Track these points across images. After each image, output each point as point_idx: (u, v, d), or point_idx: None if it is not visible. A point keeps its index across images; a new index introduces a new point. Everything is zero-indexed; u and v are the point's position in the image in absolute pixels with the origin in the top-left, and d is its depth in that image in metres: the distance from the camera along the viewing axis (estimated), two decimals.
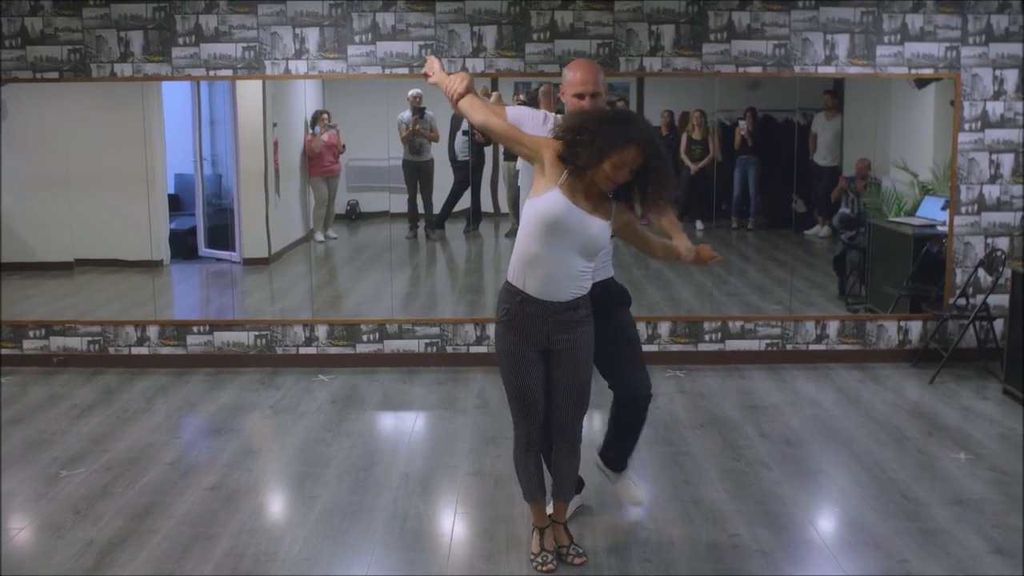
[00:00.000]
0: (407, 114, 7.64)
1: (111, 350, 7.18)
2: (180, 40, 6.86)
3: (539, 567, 4.02)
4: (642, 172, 3.62)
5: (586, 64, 4.10)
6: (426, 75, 4.09)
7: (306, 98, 7.57)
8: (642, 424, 4.36)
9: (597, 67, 4.11)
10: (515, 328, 3.82)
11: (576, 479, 4.19)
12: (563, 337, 3.80)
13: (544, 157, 3.70)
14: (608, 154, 3.53)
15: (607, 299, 4.11)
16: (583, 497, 4.64)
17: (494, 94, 7.20)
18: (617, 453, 4.42)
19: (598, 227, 3.67)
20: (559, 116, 4.00)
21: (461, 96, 3.94)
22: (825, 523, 4.49)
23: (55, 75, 6.92)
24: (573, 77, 4.06)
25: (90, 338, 7.18)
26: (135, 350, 7.18)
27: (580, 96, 4.01)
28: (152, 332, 7.17)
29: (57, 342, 7.18)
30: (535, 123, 4.05)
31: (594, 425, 5.57)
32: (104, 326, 7.18)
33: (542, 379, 3.87)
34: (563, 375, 3.86)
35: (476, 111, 3.90)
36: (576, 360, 3.85)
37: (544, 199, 3.65)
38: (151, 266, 7.51)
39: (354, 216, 8.28)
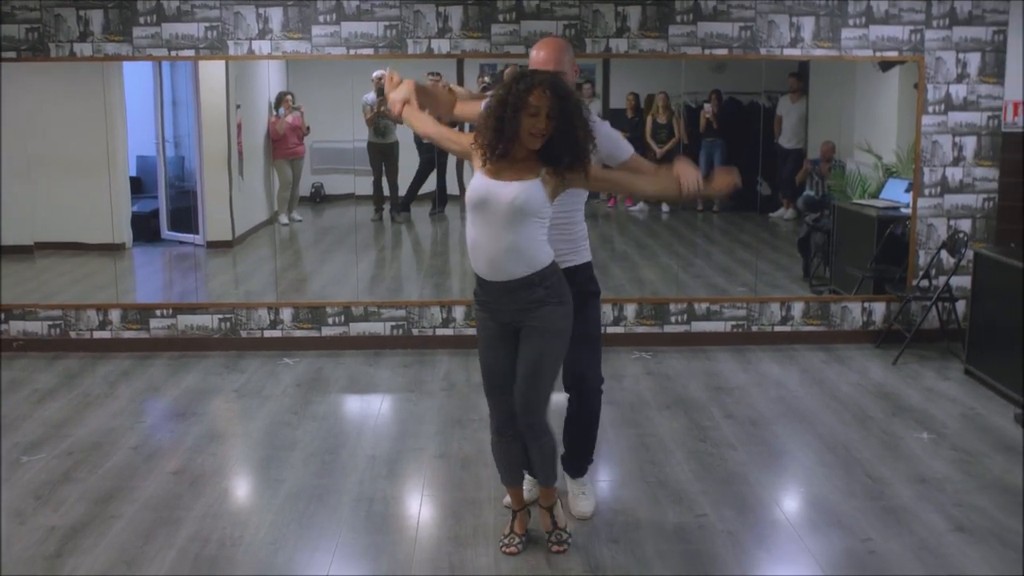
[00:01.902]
0: (372, 96, 7.58)
1: (72, 334, 7.10)
2: (141, 19, 6.76)
3: (503, 548, 4.03)
4: (560, 119, 3.53)
5: (551, 42, 4.01)
6: (385, 98, 4.08)
7: (270, 79, 7.50)
8: (594, 419, 4.31)
9: (563, 46, 4.00)
10: (484, 309, 3.83)
11: (550, 465, 3.99)
12: (527, 317, 3.73)
13: (470, 153, 3.73)
14: (522, 105, 3.49)
15: (574, 285, 3.99)
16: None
17: (445, 84, 7.17)
18: (573, 456, 4.39)
19: (517, 188, 3.57)
20: None
21: (399, 111, 3.96)
22: (790, 503, 4.53)
23: (12, 55, 6.80)
24: (535, 56, 3.97)
25: (51, 322, 7.09)
26: (97, 334, 7.10)
27: None
28: (114, 316, 7.09)
29: (17, 326, 7.08)
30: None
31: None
32: (65, 310, 7.09)
33: (510, 361, 3.82)
34: (520, 356, 3.78)
35: (416, 123, 3.95)
36: (533, 342, 3.74)
37: (470, 185, 3.69)
38: (113, 249, 7.43)
39: (319, 199, 8.23)
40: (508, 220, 3.59)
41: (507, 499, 4.21)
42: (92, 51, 6.80)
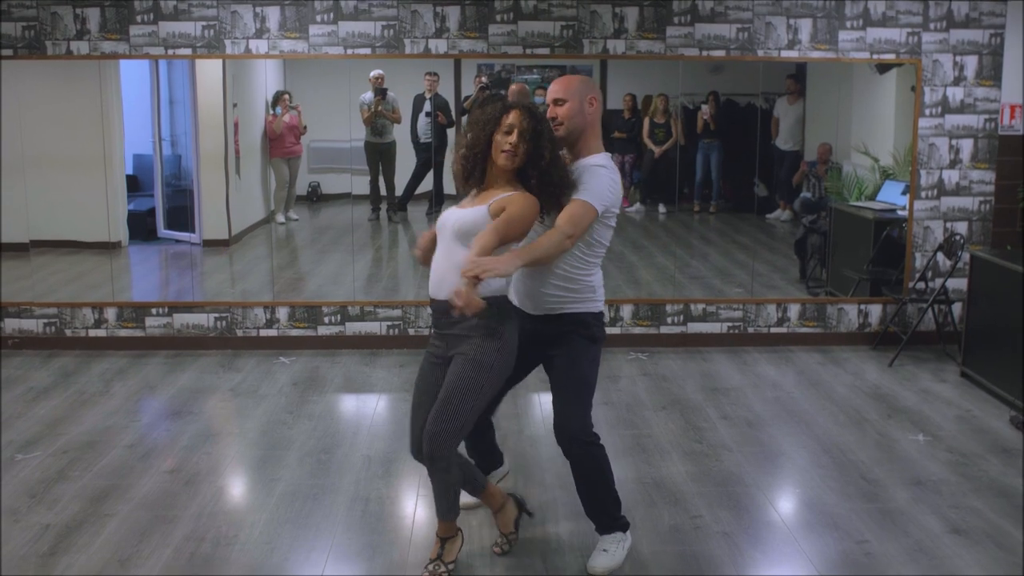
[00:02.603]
0: (369, 95, 7.57)
1: (68, 332, 7.08)
2: (138, 18, 6.75)
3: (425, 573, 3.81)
4: (531, 139, 3.55)
5: (566, 78, 3.89)
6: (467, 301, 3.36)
7: (267, 78, 7.48)
8: (594, 477, 3.89)
9: (579, 80, 3.88)
10: (434, 333, 3.77)
11: (449, 499, 3.77)
12: (457, 344, 3.64)
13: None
14: (494, 124, 3.55)
15: (568, 327, 3.91)
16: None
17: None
18: (588, 512, 4.00)
19: (467, 213, 3.58)
20: None
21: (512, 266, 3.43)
22: (786, 504, 4.52)
23: (9, 52, 6.79)
24: (550, 89, 3.87)
25: (46, 320, 7.07)
26: (92, 332, 7.08)
27: (552, 103, 3.83)
28: (110, 314, 7.08)
29: (12, 324, 7.07)
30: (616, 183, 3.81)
31: None
32: (61, 308, 7.07)
33: (432, 388, 3.72)
34: (443, 384, 3.65)
35: (538, 255, 3.52)
36: (454, 370, 3.61)
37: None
38: (109, 248, 7.41)
39: (315, 198, 8.21)
40: (455, 241, 3.58)
41: (464, 500, 4.12)
42: (89, 49, 6.79)
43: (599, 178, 3.74)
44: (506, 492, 4.13)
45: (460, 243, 3.56)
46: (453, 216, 3.63)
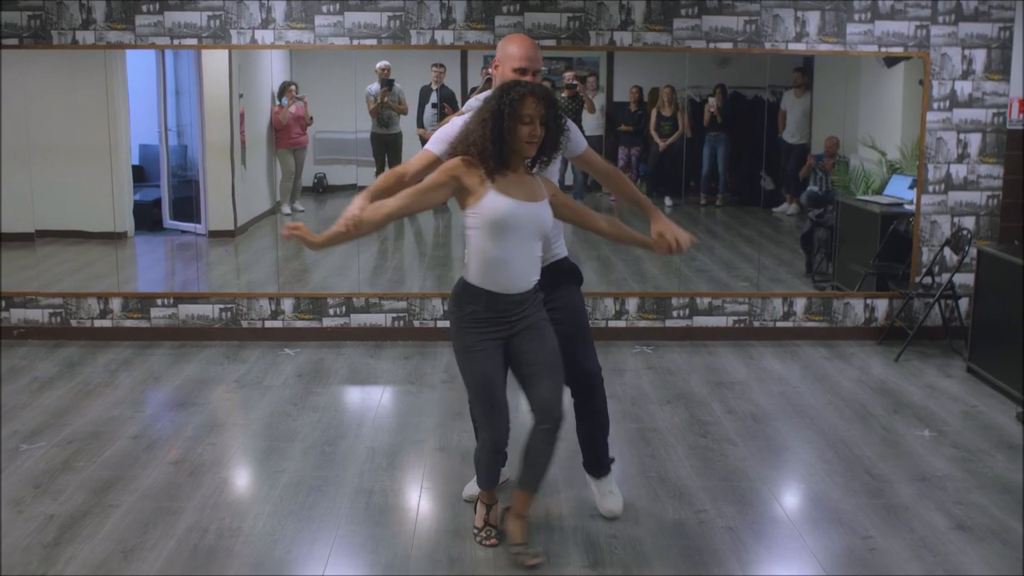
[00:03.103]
0: (375, 86, 7.56)
1: (73, 322, 7.09)
2: (144, 7, 6.74)
3: (483, 541, 4.02)
4: (551, 125, 3.66)
5: (527, 39, 3.94)
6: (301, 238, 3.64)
7: (272, 69, 7.47)
8: (604, 408, 4.29)
9: (534, 43, 3.95)
10: (478, 324, 3.74)
11: (548, 468, 3.91)
12: (524, 317, 3.77)
13: (461, 178, 3.65)
14: (517, 115, 3.57)
15: (559, 277, 4.07)
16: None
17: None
18: (594, 455, 4.34)
19: (542, 209, 3.72)
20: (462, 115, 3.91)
21: (349, 231, 3.57)
22: (790, 499, 4.52)
23: (14, 42, 6.78)
24: (514, 51, 3.86)
25: (52, 310, 7.08)
26: (98, 323, 7.09)
27: (523, 71, 3.84)
28: (115, 304, 7.08)
29: (18, 314, 7.07)
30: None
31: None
32: (66, 298, 7.08)
33: (504, 373, 3.81)
34: (535, 350, 3.76)
35: (374, 219, 3.60)
36: (543, 333, 3.79)
37: (486, 204, 3.63)
38: (115, 238, 7.41)
39: (321, 189, 8.21)
40: (536, 236, 3.72)
41: (469, 492, 4.35)
42: (95, 39, 6.78)
43: (573, 125, 4.00)
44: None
45: (541, 237, 3.77)
46: (533, 212, 3.68)
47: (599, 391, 4.24)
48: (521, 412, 4.77)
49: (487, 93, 3.76)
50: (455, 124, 3.85)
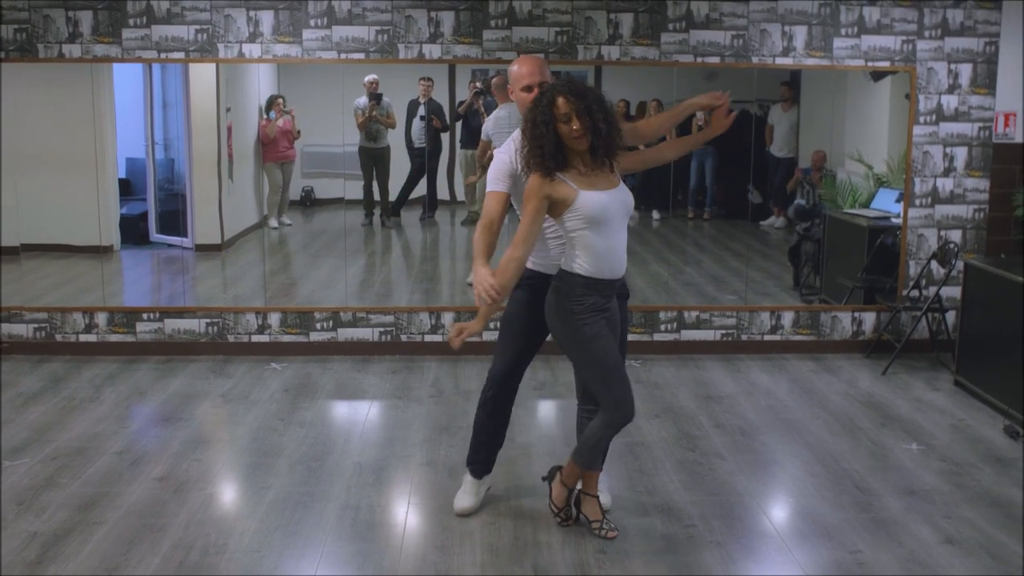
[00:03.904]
0: (363, 100, 7.55)
1: (58, 337, 7.05)
2: (131, 21, 6.73)
3: (562, 523, 4.29)
4: (586, 115, 3.76)
5: (531, 58, 4.19)
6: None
7: (260, 82, 7.46)
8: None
9: (542, 60, 4.20)
10: (597, 312, 3.93)
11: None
12: (616, 303, 4.08)
13: (550, 194, 3.81)
14: (552, 118, 3.76)
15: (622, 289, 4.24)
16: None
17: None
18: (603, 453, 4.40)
19: (624, 193, 3.94)
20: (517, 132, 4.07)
21: (498, 295, 3.74)
22: (779, 514, 4.50)
23: (0, 55, 6.75)
24: (519, 71, 4.12)
25: (36, 325, 7.04)
26: (83, 337, 7.05)
27: (528, 88, 4.06)
28: (101, 319, 7.04)
29: (2, 328, 7.02)
30: (510, 157, 4.03)
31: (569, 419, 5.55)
32: (51, 313, 7.04)
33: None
34: (618, 339, 4.08)
35: (510, 279, 3.84)
36: (618, 319, 4.11)
37: (581, 204, 3.80)
38: (101, 251, 7.38)
39: (309, 203, 8.18)
40: (626, 220, 3.96)
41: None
42: (81, 52, 6.76)
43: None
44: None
45: (626, 222, 3.99)
46: (620, 199, 3.90)
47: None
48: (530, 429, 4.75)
49: (498, 113, 3.97)
50: (501, 158, 4.07)
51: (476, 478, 4.48)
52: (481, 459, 4.47)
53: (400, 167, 7.91)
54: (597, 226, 3.83)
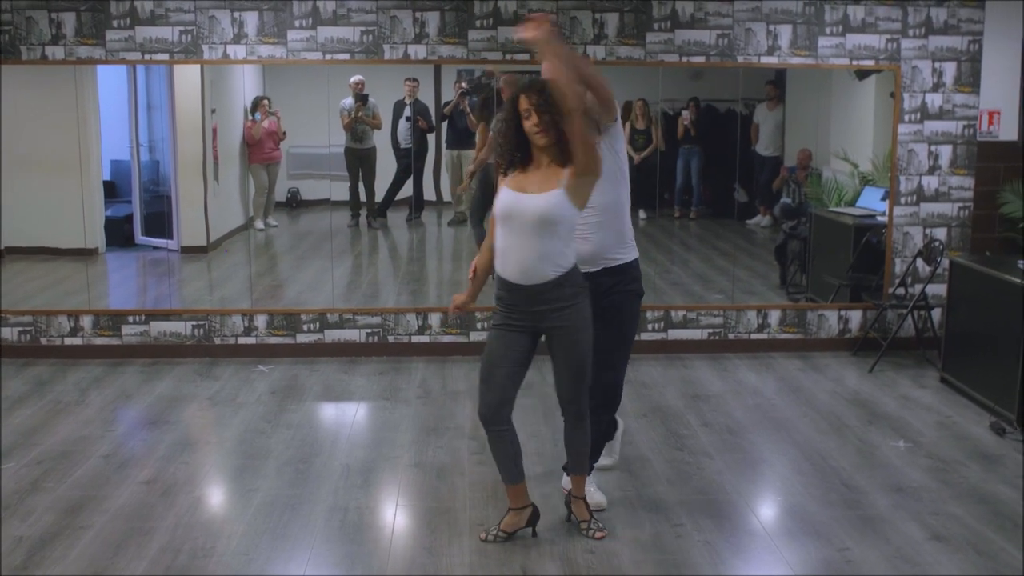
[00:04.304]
0: (349, 101, 7.54)
1: (43, 340, 7.01)
2: (114, 23, 6.70)
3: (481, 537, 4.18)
4: (545, 111, 3.82)
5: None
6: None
7: (245, 84, 7.44)
8: (612, 419, 4.49)
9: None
10: (507, 311, 3.99)
11: (587, 453, 4.23)
12: (555, 316, 3.93)
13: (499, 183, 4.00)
14: (515, 114, 3.88)
15: (619, 284, 4.24)
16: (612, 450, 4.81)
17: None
18: (592, 456, 4.40)
19: (542, 201, 3.82)
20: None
21: (479, 276, 4.21)
22: (767, 512, 4.51)
23: None
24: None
25: (21, 328, 7.00)
26: (68, 340, 7.01)
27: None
28: (86, 322, 7.01)
29: None
30: None
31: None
32: (36, 316, 7.00)
33: (512, 356, 3.98)
34: (560, 353, 4.00)
35: (487, 258, 4.15)
36: (571, 338, 3.97)
37: (497, 198, 3.96)
38: (85, 254, 7.34)
39: (295, 204, 8.17)
40: (538, 229, 3.83)
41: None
42: (64, 54, 6.73)
43: None
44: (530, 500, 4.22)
45: (544, 230, 3.84)
46: (531, 204, 3.84)
47: (616, 402, 4.43)
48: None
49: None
50: None
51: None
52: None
53: (386, 168, 7.89)
54: (501, 223, 3.93)
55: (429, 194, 8.00)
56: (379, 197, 7.94)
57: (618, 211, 4.27)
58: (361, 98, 7.54)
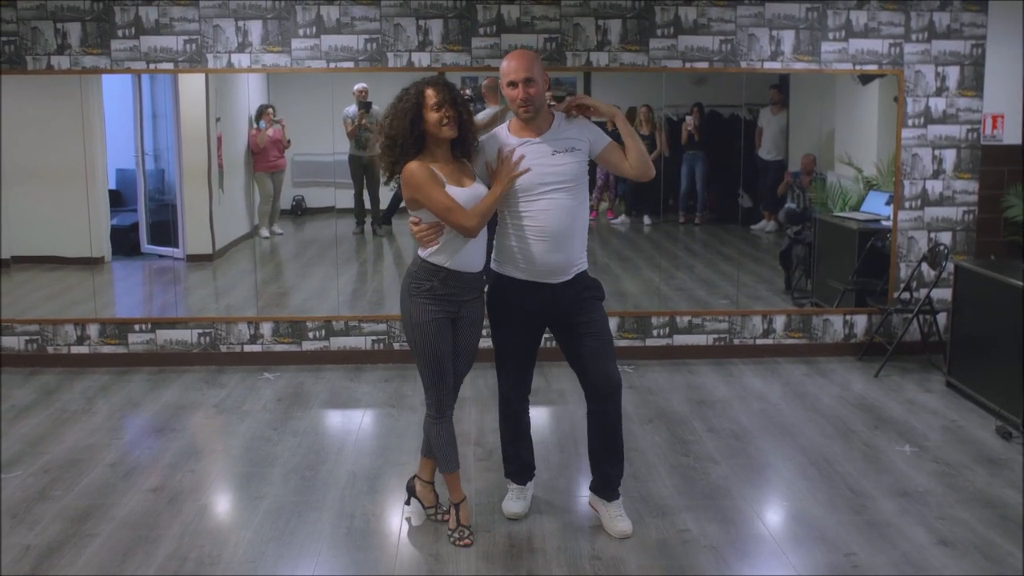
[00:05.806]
0: (353, 108, 7.55)
1: (50, 349, 7.03)
2: (119, 32, 6.73)
3: (457, 542, 4.21)
4: (453, 106, 3.97)
5: (520, 52, 4.13)
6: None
7: (249, 92, 7.45)
8: (617, 418, 4.33)
9: (533, 56, 4.11)
10: (435, 300, 4.07)
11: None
12: (469, 303, 4.15)
13: (436, 171, 4.03)
14: (422, 104, 3.99)
15: (584, 291, 4.24)
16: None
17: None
18: (609, 477, 4.37)
19: (479, 190, 4.05)
20: (506, 123, 4.23)
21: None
22: (773, 517, 4.51)
23: None
24: (506, 66, 4.09)
25: (28, 337, 7.02)
26: (75, 349, 7.03)
27: (513, 84, 4.05)
28: (92, 331, 7.03)
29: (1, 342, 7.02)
30: (494, 144, 4.18)
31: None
32: (42, 325, 7.02)
33: (452, 345, 4.14)
34: (465, 340, 4.19)
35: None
36: (475, 326, 4.21)
37: (452, 193, 4.04)
38: (92, 263, 7.36)
39: (300, 212, 8.18)
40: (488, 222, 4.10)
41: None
42: (70, 64, 6.75)
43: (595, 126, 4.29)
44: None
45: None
46: (474, 198, 4.00)
47: (618, 401, 4.31)
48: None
49: (486, 113, 4.08)
50: (492, 138, 4.23)
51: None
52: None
53: None
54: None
55: None
56: (384, 204, 7.95)
57: (586, 219, 4.30)
58: (365, 106, 7.55)
